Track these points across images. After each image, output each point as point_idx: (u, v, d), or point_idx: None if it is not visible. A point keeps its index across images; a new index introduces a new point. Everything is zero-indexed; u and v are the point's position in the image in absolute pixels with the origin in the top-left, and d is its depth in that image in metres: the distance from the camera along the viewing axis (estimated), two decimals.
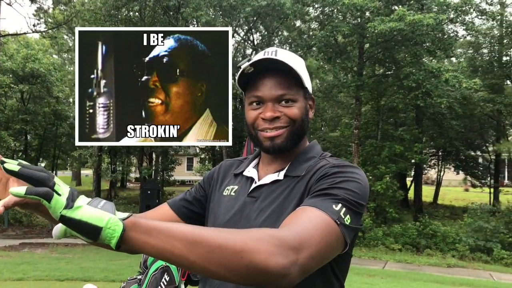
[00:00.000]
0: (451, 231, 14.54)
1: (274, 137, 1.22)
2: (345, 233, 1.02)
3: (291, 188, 1.19)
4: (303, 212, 1.01)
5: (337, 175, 1.11)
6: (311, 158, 1.26)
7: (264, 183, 1.25)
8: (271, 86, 1.21)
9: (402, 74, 14.33)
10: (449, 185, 33.38)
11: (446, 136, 19.18)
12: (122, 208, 18.23)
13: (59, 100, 24.36)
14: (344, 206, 1.04)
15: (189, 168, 38.43)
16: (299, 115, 1.23)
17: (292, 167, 1.24)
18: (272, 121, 1.22)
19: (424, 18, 12.62)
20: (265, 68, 1.21)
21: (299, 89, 1.23)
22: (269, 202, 1.20)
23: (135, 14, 16.58)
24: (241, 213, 1.23)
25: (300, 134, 1.25)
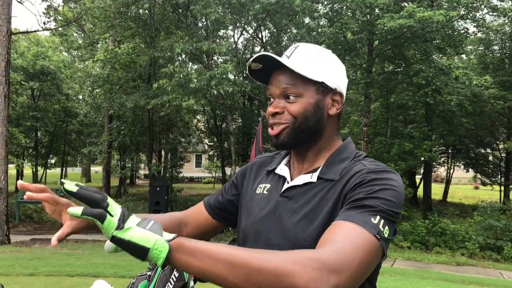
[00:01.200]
0: (460, 229, 14.45)
1: (277, 134, 1.23)
2: (384, 246, 1.02)
3: (325, 192, 1.17)
4: (342, 229, 1.00)
5: (374, 183, 1.09)
6: (345, 159, 1.23)
7: (297, 184, 1.23)
8: (278, 82, 1.22)
9: (412, 71, 14.24)
10: (459, 183, 33.21)
11: (456, 134, 19.04)
12: (131, 205, 18.36)
13: (69, 97, 24.58)
14: (382, 218, 1.03)
15: (198, 165, 38.56)
16: (301, 111, 1.20)
17: (326, 168, 1.22)
18: (274, 117, 1.23)
19: (434, 15, 12.52)
20: (276, 64, 1.21)
21: (308, 84, 1.20)
22: (302, 204, 1.18)
23: (144, 12, 16.62)
24: (273, 213, 1.23)
25: (305, 131, 1.22)
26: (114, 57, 17.38)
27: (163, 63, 16.41)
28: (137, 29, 17.50)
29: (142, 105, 15.36)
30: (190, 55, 16.11)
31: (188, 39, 13.97)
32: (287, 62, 1.19)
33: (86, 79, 22.89)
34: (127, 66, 18.23)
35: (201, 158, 38.01)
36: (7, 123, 11.89)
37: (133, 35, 18.08)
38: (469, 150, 22.06)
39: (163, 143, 20.44)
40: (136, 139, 20.69)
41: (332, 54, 1.28)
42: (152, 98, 14.45)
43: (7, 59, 11.71)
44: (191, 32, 15.14)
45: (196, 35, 14.96)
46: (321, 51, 1.26)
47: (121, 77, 18.39)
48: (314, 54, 1.24)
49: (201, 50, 14.03)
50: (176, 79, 13.47)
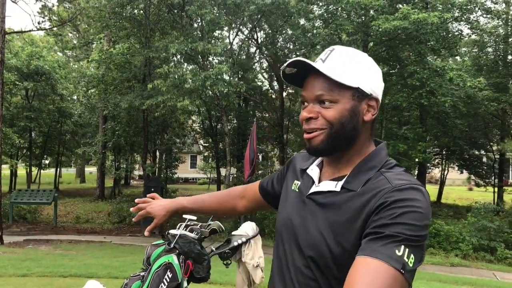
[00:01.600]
0: (454, 230, 14.50)
1: (310, 139, 1.22)
2: (409, 278, 1.02)
3: (345, 202, 1.16)
4: (366, 268, 1.00)
5: (396, 205, 1.06)
6: (372, 168, 1.20)
7: (321, 190, 1.23)
8: (312, 86, 1.21)
9: (406, 73, 14.30)
10: (453, 184, 33.33)
11: (450, 135, 19.12)
12: (125, 206, 18.28)
13: (64, 98, 24.49)
14: (407, 247, 1.02)
15: (193, 166, 38.50)
16: (337, 118, 1.18)
17: (350, 178, 1.20)
18: (307, 122, 1.22)
19: (428, 17, 12.59)
20: (311, 69, 1.20)
21: (343, 90, 1.18)
22: (322, 210, 1.20)
23: (139, 12, 16.59)
24: (299, 212, 1.27)
25: (340, 138, 1.19)
26: (109, 57, 17.34)
27: (158, 64, 16.38)
28: (132, 29, 17.47)
29: (136, 106, 15.33)
30: (185, 55, 16.09)
31: (183, 40, 13.96)
32: (322, 67, 1.18)
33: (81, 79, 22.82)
34: (122, 66, 18.18)
35: (196, 159, 37.96)
36: (1, 123, 11.82)
37: (128, 35, 18.04)
38: (463, 151, 22.15)
39: (158, 144, 20.41)
40: (131, 139, 20.64)
41: (368, 58, 1.26)
42: (147, 99, 14.43)
43: (1, 58, 11.64)
44: (186, 32, 15.13)
45: (191, 36, 14.95)
46: (357, 55, 1.24)
47: (116, 77, 18.34)
48: (350, 58, 1.22)
49: (196, 50, 14.02)
50: (171, 79, 13.44)
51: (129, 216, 17.63)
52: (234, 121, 22.49)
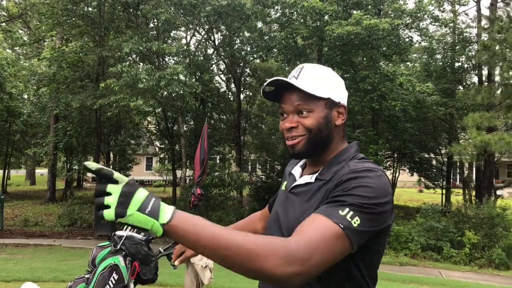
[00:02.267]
0: (404, 230, 14.93)
1: (293, 145, 1.40)
2: (351, 236, 1.15)
3: (316, 190, 1.36)
4: (313, 221, 1.17)
5: (350, 182, 1.24)
6: (341, 161, 1.38)
7: (300, 183, 1.44)
8: (290, 99, 1.39)
9: (359, 77, 14.67)
10: (404, 186, 34.38)
11: (401, 139, 19.72)
12: (77, 208, 17.78)
13: (13, 97, 23.52)
14: (351, 210, 1.17)
15: (148, 168, 37.90)
16: (315, 124, 1.37)
17: (324, 170, 1.40)
18: (289, 131, 1.40)
19: (380, 23, 12.97)
20: (288, 85, 1.37)
21: (317, 100, 1.37)
22: (300, 201, 1.39)
23: (93, 10, 16.22)
24: (284, 206, 1.46)
25: (318, 141, 1.39)
26: (61, 55, 16.86)
27: (112, 63, 16.06)
28: (86, 28, 17.06)
29: (88, 105, 14.96)
30: (140, 55, 15.86)
31: (138, 39, 13.75)
32: (297, 83, 1.35)
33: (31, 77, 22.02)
34: (75, 65, 17.70)
35: (152, 161, 37.39)
36: None
37: (82, 34, 17.60)
38: (413, 154, 22.90)
39: (111, 145, 19.98)
40: (83, 140, 20.11)
41: (332, 72, 1.47)
42: (100, 98, 14.11)
43: None
44: (141, 31, 14.92)
45: (146, 35, 14.75)
46: (324, 70, 1.45)
47: (68, 76, 17.83)
48: (318, 73, 1.42)
49: (151, 50, 13.85)
50: (125, 79, 13.20)
51: (80, 219, 17.15)
52: (190, 123, 22.32)
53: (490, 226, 14.40)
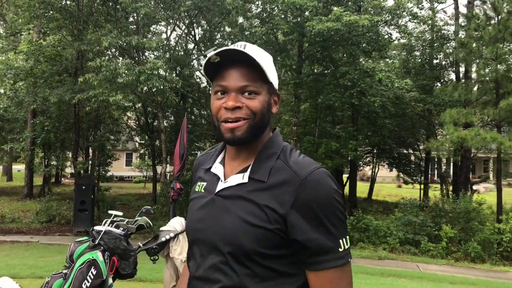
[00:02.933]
0: (382, 225, 15.15)
1: (234, 128, 1.24)
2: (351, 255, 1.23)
3: (257, 194, 1.22)
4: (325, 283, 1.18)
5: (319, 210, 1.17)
6: (273, 154, 1.27)
7: (230, 185, 1.27)
8: (236, 76, 1.23)
9: (339, 73, 14.78)
10: (383, 181, 34.80)
11: (380, 134, 19.97)
12: (55, 204, 17.54)
13: None
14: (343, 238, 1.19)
15: (128, 163, 37.56)
16: (260, 108, 1.24)
17: (255, 167, 1.26)
18: (233, 111, 1.23)
19: (360, 19, 13.07)
20: (232, 59, 1.23)
21: (263, 83, 1.25)
22: (235, 204, 1.23)
23: (72, 3, 15.96)
24: (209, 211, 1.28)
25: (260, 127, 1.26)
26: (39, 49, 16.54)
27: (91, 57, 15.84)
28: (64, 21, 16.75)
29: (67, 100, 14.74)
30: (119, 49, 15.68)
31: (117, 33, 13.59)
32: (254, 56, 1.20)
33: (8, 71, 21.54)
34: (53, 59, 17.39)
35: (132, 157, 37.05)
36: None
37: (60, 27, 17.29)
38: (392, 150, 23.22)
39: (90, 140, 19.72)
40: (62, 135, 19.81)
41: (271, 57, 1.34)
42: (78, 93, 13.92)
43: None
44: (121, 26, 14.75)
45: (126, 29, 14.59)
46: (266, 53, 1.31)
47: (46, 70, 17.50)
48: (262, 54, 1.27)
49: (130, 44, 13.70)
50: (104, 73, 13.04)
51: (58, 215, 16.92)
52: (171, 118, 22.18)
53: (466, 220, 14.72)
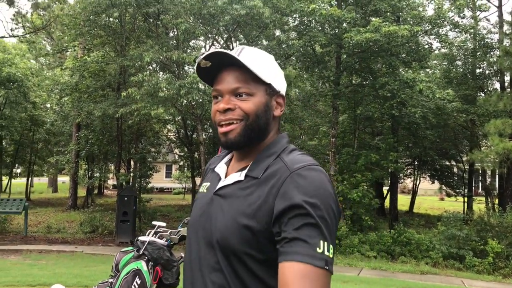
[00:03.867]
0: (425, 239, 14.78)
1: (227, 132, 1.23)
2: (331, 269, 1.06)
3: (250, 192, 1.19)
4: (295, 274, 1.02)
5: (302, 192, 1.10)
6: (272, 154, 1.24)
7: (228, 184, 1.26)
8: (229, 79, 1.23)
9: (378, 84, 14.61)
10: (425, 194, 33.95)
11: (421, 146, 19.54)
12: (98, 215, 18.04)
13: (36, 106, 24.08)
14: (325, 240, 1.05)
15: (168, 175, 38.23)
16: (254, 109, 1.22)
17: (253, 165, 1.24)
18: (225, 113, 1.23)
19: (399, 30, 12.92)
20: (224, 63, 1.24)
21: (258, 84, 1.24)
22: (229, 203, 1.21)
23: (115, 20, 16.54)
24: (207, 210, 1.27)
25: (255, 130, 1.23)
26: (83, 65, 17.20)
27: (133, 72, 16.33)
28: (107, 38, 17.39)
29: (110, 114, 15.23)
30: (160, 64, 16.09)
31: (158, 49, 13.98)
32: (241, 58, 1.20)
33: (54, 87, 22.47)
34: (96, 74, 18.05)
35: (172, 169, 37.71)
36: None
37: (103, 44, 17.95)
38: (434, 162, 22.66)
39: (132, 153, 20.23)
40: (105, 148, 20.43)
41: (274, 59, 1.33)
42: (121, 107, 14.35)
43: None
44: (162, 41, 15.15)
45: (167, 45, 14.98)
46: (265, 54, 1.30)
47: (90, 85, 18.18)
48: (261, 56, 1.27)
49: (171, 59, 14.04)
50: (146, 88, 13.42)
51: (101, 225, 17.39)
52: (209, 131, 22.48)
53: None
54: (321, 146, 19.40)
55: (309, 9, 13.62)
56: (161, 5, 14.37)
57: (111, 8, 14.50)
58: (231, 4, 14.22)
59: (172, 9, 14.29)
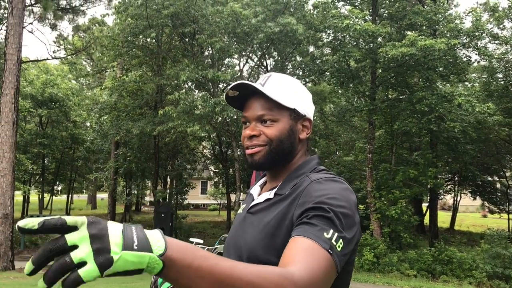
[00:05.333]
0: (467, 257, 14.26)
1: (253, 154, 1.31)
2: (337, 261, 1.04)
3: (276, 206, 1.25)
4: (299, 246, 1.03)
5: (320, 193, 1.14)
6: (301, 174, 1.30)
7: (258, 202, 1.33)
8: (254, 107, 1.31)
9: (415, 99, 14.35)
10: (467, 210, 32.88)
11: (461, 161, 18.98)
12: None
13: (76, 124, 24.85)
14: (336, 231, 1.06)
15: (203, 191, 38.50)
16: (277, 135, 1.29)
17: (282, 185, 1.31)
18: (250, 139, 1.31)
19: (435, 43, 12.70)
20: (252, 91, 1.30)
21: (282, 110, 1.30)
22: (259, 218, 1.27)
23: (152, 41, 16.98)
24: (241, 227, 1.34)
25: (279, 153, 1.30)
26: (122, 84, 17.68)
27: (169, 91, 16.67)
28: (144, 58, 17.85)
29: (148, 132, 15.54)
30: (195, 82, 16.36)
31: (194, 67, 14.23)
32: (263, 89, 1.27)
33: (94, 106, 23.21)
34: (134, 93, 18.52)
35: (207, 185, 37.97)
36: (15, 149, 12.04)
37: (141, 63, 18.42)
38: (475, 177, 21.93)
39: (168, 170, 20.53)
40: (142, 165, 20.81)
41: (300, 84, 1.40)
42: (158, 125, 14.63)
43: (17, 86, 11.96)
44: (197, 60, 15.43)
45: (202, 63, 15.23)
46: (291, 81, 1.37)
47: (128, 104, 18.66)
48: (286, 83, 1.34)
49: (206, 77, 14.26)
50: (182, 106, 13.65)
51: None
52: None
53: None
54: (357, 162, 19.14)
55: (343, 25, 13.58)
56: (196, 25, 14.66)
57: (148, 29, 14.90)
58: (264, 22, 14.36)
59: (207, 29, 14.57)
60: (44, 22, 18.90)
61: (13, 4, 12.00)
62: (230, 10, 14.11)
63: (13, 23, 11.95)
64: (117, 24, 16.85)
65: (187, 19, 14.82)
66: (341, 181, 1.22)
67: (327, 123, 21.80)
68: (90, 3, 18.84)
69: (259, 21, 14.23)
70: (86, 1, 18.65)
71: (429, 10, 14.90)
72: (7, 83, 11.80)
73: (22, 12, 12.31)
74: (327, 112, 22.74)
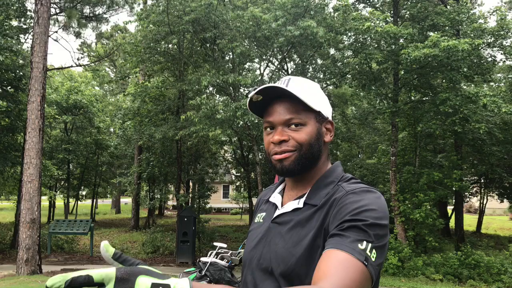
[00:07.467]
0: (495, 261, 13.95)
1: (283, 159, 1.26)
2: (372, 272, 1.04)
3: (309, 217, 1.22)
4: (333, 259, 1.03)
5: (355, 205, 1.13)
6: (330, 183, 1.28)
7: (286, 211, 1.29)
8: (280, 111, 1.27)
9: (438, 100, 14.14)
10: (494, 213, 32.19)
11: (487, 163, 18.58)
12: (159, 236, 18.46)
13: (100, 130, 25.24)
14: (369, 242, 1.06)
15: (225, 195, 38.65)
16: (307, 139, 1.26)
17: (312, 194, 1.28)
18: (279, 144, 1.27)
19: (459, 44, 12.50)
20: (275, 95, 1.28)
21: (309, 113, 1.27)
22: (289, 229, 1.24)
23: (173, 47, 17.15)
24: (265, 238, 1.30)
25: (309, 158, 1.27)
26: (144, 90, 17.89)
27: (191, 96, 16.80)
28: (166, 64, 18.03)
29: (170, 136, 15.69)
30: (217, 87, 16.46)
31: (215, 72, 14.32)
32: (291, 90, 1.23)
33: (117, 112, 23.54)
34: (157, 99, 18.72)
35: (229, 189, 38.11)
36: (41, 155, 12.29)
37: (163, 69, 18.62)
38: (502, 179, 21.44)
39: (191, 174, 20.67)
40: (165, 170, 21.00)
41: (318, 86, 1.37)
42: (180, 129, 14.76)
43: (43, 94, 12.22)
44: (218, 65, 15.52)
45: (223, 68, 15.32)
46: (311, 83, 1.34)
47: (151, 109, 18.87)
48: (307, 85, 1.31)
49: (227, 82, 14.33)
50: (203, 110, 13.75)
51: (162, 246, 17.78)
52: None
53: None
54: (380, 165, 18.93)
55: (364, 27, 13.48)
56: (217, 30, 14.76)
57: (170, 35, 15.07)
58: (285, 25, 14.37)
59: (227, 34, 14.65)
60: (68, 30, 19.31)
61: (39, 13, 12.28)
62: (251, 14, 14.16)
63: (39, 32, 12.23)
64: (139, 31, 17.08)
65: (208, 25, 14.92)
66: (375, 191, 1.20)
67: (349, 126, 21.65)
68: (113, 10, 19.17)
69: (279, 25, 14.24)
70: (109, 8, 18.98)
71: (451, 10, 14.69)
72: (33, 90, 12.06)
73: (47, 21, 12.59)
74: (349, 115, 22.59)
